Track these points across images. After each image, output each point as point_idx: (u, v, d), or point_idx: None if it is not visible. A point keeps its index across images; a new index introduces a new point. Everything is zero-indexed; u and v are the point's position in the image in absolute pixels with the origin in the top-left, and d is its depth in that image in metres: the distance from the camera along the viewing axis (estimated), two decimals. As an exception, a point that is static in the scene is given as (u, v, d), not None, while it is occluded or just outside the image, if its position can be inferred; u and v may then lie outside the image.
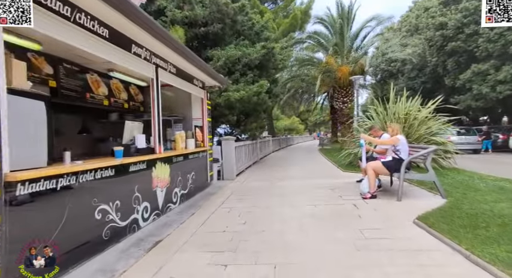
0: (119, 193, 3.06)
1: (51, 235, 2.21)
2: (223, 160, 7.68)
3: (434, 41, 17.27)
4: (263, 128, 12.83)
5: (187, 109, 6.57)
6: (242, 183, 6.94)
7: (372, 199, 4.44)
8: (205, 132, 6.49)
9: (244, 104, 8.52)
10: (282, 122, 48.84)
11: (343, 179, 6.70)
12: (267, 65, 9.81)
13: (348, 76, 15.90)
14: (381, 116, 8.03)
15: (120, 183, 3.10)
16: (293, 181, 6.74)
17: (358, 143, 8.87)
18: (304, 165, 10.51)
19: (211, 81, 6.40)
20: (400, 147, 4.45)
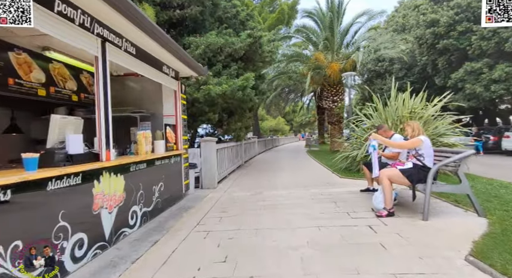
0: (24, 227, 1.96)
1: None
2: (202, 165, 6.60)
3: (424, 39, 16.92)
4: (248, 129, 11.83)
5: (158, 105, 5.46)
6: (225, 193, 5.89)
7: (389, 217, 3.52)
8: (179, 132, 5.39)
9: (227, 100, 7.48)
10: (268, 123, 48.12)
11: (342, 187, 5.79)
12: (253, 56, 8.82)
13: (339, 73, 15.18)
14: (383, 114, 7.21)
15: (27, 210, 2.00)
16: (285, 191, 5.76)
17: (355, 144, 8.05)
18: (294, 169, 9.58)
19: (186, 69, 5.33)
20: (423, 151, 3.56)
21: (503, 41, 13.06)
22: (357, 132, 8.03)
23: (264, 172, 9.11)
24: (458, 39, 15.01)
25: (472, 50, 14.16)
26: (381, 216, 3.54)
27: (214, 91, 6.73)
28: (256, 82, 10.31)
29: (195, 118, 7.29)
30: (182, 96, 5.62)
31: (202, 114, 7.20)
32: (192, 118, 7.30)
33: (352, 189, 5.50)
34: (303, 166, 10.20)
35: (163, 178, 4.47)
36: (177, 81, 5.37)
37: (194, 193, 5.91)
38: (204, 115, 7.17)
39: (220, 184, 6.99)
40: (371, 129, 7.44)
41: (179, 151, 5.30)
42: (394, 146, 4.09)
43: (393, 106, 7.28)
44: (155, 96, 5.47)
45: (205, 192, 6.10)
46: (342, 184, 6.18)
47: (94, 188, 2.69)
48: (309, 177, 7.50)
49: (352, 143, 8.18)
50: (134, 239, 3.17)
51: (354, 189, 5.54)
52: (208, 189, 6.47)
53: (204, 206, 4.75)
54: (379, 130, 4.77)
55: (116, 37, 3.24)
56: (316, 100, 29.03)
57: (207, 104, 7.16)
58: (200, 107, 7.02)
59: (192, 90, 6.76)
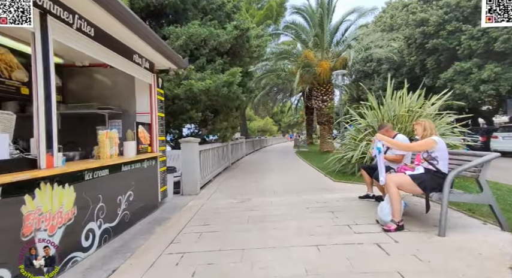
0: None
1: None
2: (183, 168, 5.94)
3: (413, 38, 16.80)
4: (235, 129, 11.22)
5: (130, 101, 4.80)
6: (208, 200, 5.27)
7: (398, 231, 3.01)
8: (154, 131, 4.73)
9: (211, 97, 6.85)
10: (256, 123, 47.63)
11: (338, 193, 5.27)
12: (240, 51, 8.22)
13: (329, 72, 14.80)
14: (379, 113, 6.76)
15: None
16: (275, 197, 5.19)
17: (349, 145, 7.58)
18: (284, 171, 9.04)
19: (163, 60, 4.67)
20: (437, 154, 3.06)
21: (492, 41, 13.01)
22: (351, 132, 7.56)
23: (252, 174, 8.52)
24: (448, 38, 14.92)
25: (461, 49, 14.07)
26: (389, 230, 3.02)
27: (197, 87, 6.09)
28: (243, 79, 9.72)
29: (175, 116, 6.62)
30: (159, 91, 4.96)
31: (184, 112, 6.54)
32: (172, 117, 6.63)
33: (349, 195, 4.98)
34: (293, 169, 9.68)
35: (133, 185, 3.81)
36: (153, 74, 4.70)
37: (172, 201, 5.25)
38: (186, 114, 6.51)
39: (203, 190, 6.35)
40: (366, 129, 6.99)
41: (154, 154, 4.64)
42: (402, 148, 3.56)
43: (389, 105, 6.85)
44: (128, 91, 4.80)
45: (185, 199, 5.45)
46: (337, 189, 5.66)
47: (24, 205, 2.02)
48: (300, 181, 6.97)
49: (346, 144, 7.71)
50: (86, 267, 2.50)
51: (351, 194, 5.03)
52: (189, 195, 5.82)
53: (182, 217, 4.11)
54: (381, 129, 4.26)
55: (63, 11, 2.56)
56: (304, 100, 28.75)
57: (188, 101, 6.51)
58: (181, 104, 6.36)
59: (172, 85, 6.10)
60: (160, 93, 5.06)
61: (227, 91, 6.94)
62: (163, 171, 4.99)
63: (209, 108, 8.00)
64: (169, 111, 6.46)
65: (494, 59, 13.24)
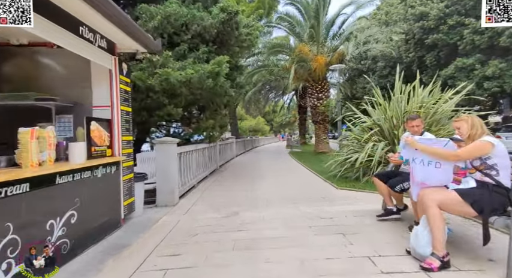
0: None
1: None
2: (157, 175, 4.98)
3: (412, 34, 16.16)
4: (224, 128, 10.27)
5: (85, 91, 3.82)
6: (185, 214, 4.33)
7: (444, 270, 2.14)
8: (116, 130, 3.77)
9: (194, 91, 5.90)
10: (247, 122, 46.71)
11: (345, 204, 4.41)
12: (229, 39, 7.28)
13: (324, 67, 14.00)
14: (388, 110, 5.93)
15: None
16: (268, 210, 4.29)
17: (351, 146, 6.72)
18: (278, 175, 8.14)
19: (126, 39, 3.71)
20: (496, 161, 2.21)
21: (496, 35, 12.43)
22: (355, 132, 6.71)
23: (242, 179, 7.61)
24: (448, 33, 14.30)
25: (463, 44, 13.45)
26: (431, 270, 2.15)
27: (175, 77, 5.14)
28: (232, 73, 8.81)
29: (151, 112, 5.64)
30: (123, 80, 3.99)
31: (160, 108, 5.57)
32: (147, 113, 5.65)
33: (358, 207, 4.13)
34: (288, 172, 8.79)
35: (78, 202, 2.84)
36: (113, 57, 3.73)
37: (142, 216, 4.29)
38: (163, 109, 5.54)
39: (183, 199, 5.41)
40: (372, 128, 6.15)
41: (115, 158, 3.67)
42: (447, 158, 2.52)
43: (398, 101, 6.03)
44: (82, 79, 3.82)
45: (159, 212, 4.50)
46: (341, 199, 4.80)
47: None
48: (297, 187, 6.08)
49: (347, 145, 6.85)
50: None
51: (360, 206, 4.18)
52: (165, 206, 4.87)
53: (146, 243, 3.17)
54: (411, 122, 3.35)
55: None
56: (297, 99, 27.99)
57: (166, 94, 5.55)
58: (156, 98, 5.39)
59: (145, 75, 5.12)
60: (126, 82, 4.09)
61: (213, 84, 6.01)
62: (128, 180, 4.03)
63: (192, 103, 7.05)
64: (142, 105, 5.50)
65: (498, 55, 12.67)
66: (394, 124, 5.74)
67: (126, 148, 4.00)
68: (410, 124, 3.35)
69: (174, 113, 5.66)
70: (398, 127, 5.54)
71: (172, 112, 5.60)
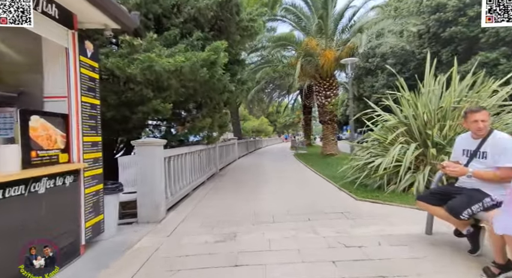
0: None
1: None
2: (138, 184, 4.08)
3: (426, 27, 15.15)
4: (224, 127, 9.37)
5: (34, 77, 2.94)
6: (169, 236, 3.43)
7: None
8: (74, 127, 2.87)
9: (185, 83, 5.00)
10: (250, 123, 45.81)
11: (374, 225, 3.45)
12: (228, 25, 6.39)
13: (333, 63, 13.04)
14: (419, 106, 4.98)
15: None
16: (275, 232, 3.36)
17: (371, 148, 5.74)
18: (284, 181, 7.20)
19: (90, 8, 2.81)
20: None
21: (523, 27, 11.38)
22: (376, 132, 5.74)
23: (244, 186, 6.68)
24: (468, 26, 13.28)
25: (485, 37, 12.41)
26: None
27: (161, 65, 4.24)
28: (233, 67, 7.92)
29: (132, 108, 4.74)
30: (87, 63, 3.09)
31: (144, 102, 4.66)
32: (128, 109, 4.76)
33: (393, 230, 3.19)
34: (295, 177, 7.85)
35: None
36: (70, 31, 2.84)
37: (115, 238, 3.39)
38: (147, 104, 4.64)
39: (172, 213, 4.52)
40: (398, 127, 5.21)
41: (72, 166, 2.78)
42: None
43: (431, 94, 5.08)
44: (30, 61, 2.94)
45: (138, 232, 3.61)
46: (367, 215, 3.86)
47: None
48: (308, 197, 5.14)
49: (367, 147, 5.88)
50: None
51: (396, 228, 3.24)
52: (147, 223, 3.97)
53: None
54: (473, 114, 2.40)
55: None
56: (302, 98, 27.04)
57: (151, 87, 4.65)
58: (139, 91, 4.49)
59: (123, 62, 4.22)
60: (92, 67, 3.19)
61: (208, 76, 5.10)
62: (95, 193, 3.13)
63: (186, 99, 6.14)
64: (123, 100, 4.60)
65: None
66: (426, 122, 4.80)
67: (90, 151, 3.10)
68: (472, 118, 2.41)
69: (161, 109, 4.75)
70: (433, 126, 4.59)
71: (158, 108, 4.69)
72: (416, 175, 4.70)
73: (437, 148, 4.56)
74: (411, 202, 4.23)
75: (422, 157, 4.77)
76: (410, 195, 4.51)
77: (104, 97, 4.54)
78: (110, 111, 4.62)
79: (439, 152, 4.47)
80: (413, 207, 4.02)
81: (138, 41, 4.26)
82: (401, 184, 4.69)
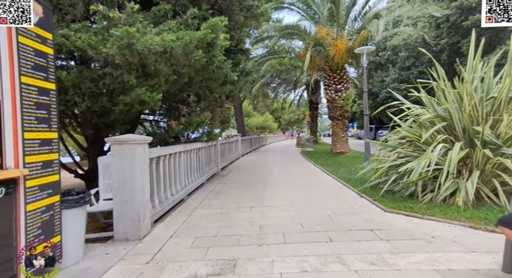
0: None
1: None
2: (114, 193, 3.28)
3: (445, 16, 14.09)
4: (226, 123, 8.59)
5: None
6: (149, 263, 2.62)
7: None
8: (8, 120, 2.06)
9: (177, 67, 4.17)
10: (255, 119, 44.93)
11: (422, 252, 2.60)
12: (230, 4, 5.53)
13: (345, 54, 12.09)
14: (465, 98, 4.08)
15: None
16: (287, 260, 2.53)
17: (402, 149, 4.84)
18: (293, 184, 6.34)
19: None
20: None
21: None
22: (406, 129, 4.84)
23: (247, 191, 5.85)
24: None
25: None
26: None
27: (144, 43, 3.40)
28: (236, 56, 7.10)
29: (112, 98, 3.92)
30: (32, 31, 2.27)
31: (126, 91, 3.84)
32: (107, 99, 3.94)
33: (451, 259, 2.34)
34: (306, 180, 6.98)
35: None
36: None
37: (77, 266, 2.59)
38: (129, 94, 3.81)
39: (159, 225, 3.73)
40: (434, 123, 4.34)
41: (5, 174, 1.97)
42: None
43: (476, 82, 4.19)
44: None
45: (110, 256, 2.81)
46: (406, 235, 3.01)
47: None
48: (325, 207, 4.28)
49: (394, 146, 4.99)
50: None
51: (455, 256, 2.38)
52: (125, 241, 3.20)
53: None
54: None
55: None
56: (308, 94, 26.07)
57: (134, 72, 3.82)
58: (118, 77, 3.66)
59: (96, 38, 3.39)
60: (41, 38, 2.37)
61: (205, 60, 4.27)
62: (43, 208, 2.33)
63: (180, 89, 5.32)
64: (100, 87, 3.79)
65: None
66: (473, 117, 3.91)
67: (38, 152, 2.30)
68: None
69: (147, 100, 3.93)
70: (484, 121, 3.71)
71: (144, 98, 3.86)
72: (458, 181, 3.84)
73: (490, 148, 3.69)
74: (458, 217, 3.38)
75: (467, 159, 3.90)
76: (454, 206, 3.66)
77: (77, 84, 3.76)
78: (84, 101, 3.82)
79: (494, 153, 3.59)
80: (465, 225, 3.16)
81: (115, 12, 3.43)
82: (441, 193, 3.83)
